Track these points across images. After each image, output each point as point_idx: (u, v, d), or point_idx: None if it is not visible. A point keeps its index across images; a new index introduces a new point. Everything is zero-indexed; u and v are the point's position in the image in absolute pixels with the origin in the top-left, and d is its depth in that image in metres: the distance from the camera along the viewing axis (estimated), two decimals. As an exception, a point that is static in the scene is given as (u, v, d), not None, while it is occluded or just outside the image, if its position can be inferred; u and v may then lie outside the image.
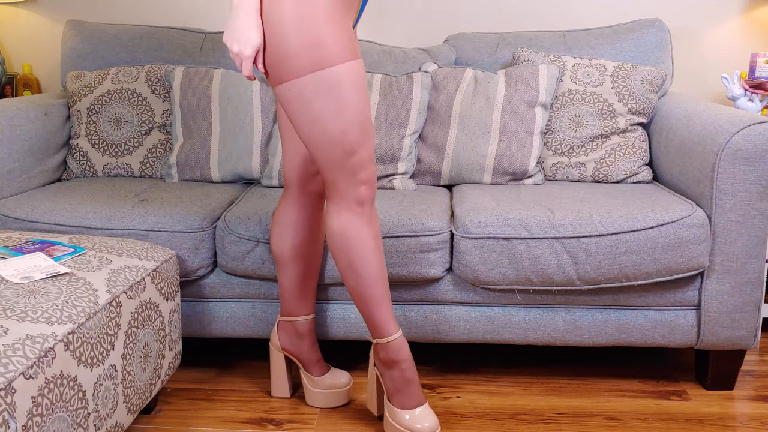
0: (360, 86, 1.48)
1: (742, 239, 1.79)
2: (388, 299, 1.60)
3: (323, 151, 1.50)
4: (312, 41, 1.42)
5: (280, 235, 1.72)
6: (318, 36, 1.43)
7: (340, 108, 1.46)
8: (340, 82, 1.45)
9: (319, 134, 1.48)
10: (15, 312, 1.26)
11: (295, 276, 1.75)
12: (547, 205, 1.86)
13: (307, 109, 1.47)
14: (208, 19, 2.69)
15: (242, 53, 1.44)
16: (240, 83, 2.27)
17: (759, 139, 1.75)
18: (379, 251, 1.57)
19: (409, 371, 1.61)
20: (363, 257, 1.55)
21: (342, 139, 1.48)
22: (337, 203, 1.54)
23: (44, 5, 2.73)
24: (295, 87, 1.45)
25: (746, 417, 1.78)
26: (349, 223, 1.54)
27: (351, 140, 1.49)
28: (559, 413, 1.80)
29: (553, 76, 2.19)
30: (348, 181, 1.52)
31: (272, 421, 1.76)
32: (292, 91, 1.46)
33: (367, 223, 1.55)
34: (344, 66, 1.45)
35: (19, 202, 1.95)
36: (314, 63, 1.43)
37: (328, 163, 1.51)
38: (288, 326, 1.79)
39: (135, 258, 1.61)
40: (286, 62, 1.44)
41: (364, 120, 1.50)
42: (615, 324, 1.86)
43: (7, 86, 2.68)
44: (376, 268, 1.56)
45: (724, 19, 2.59)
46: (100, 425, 1.35)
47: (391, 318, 1.60)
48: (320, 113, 1.46)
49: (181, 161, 2.23)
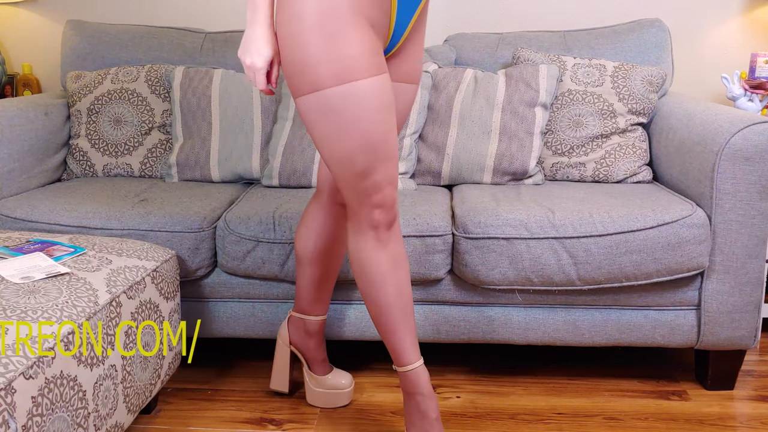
0: (369, 107, 1.38)
1: (742, 239, 1.79)
2: (407, 327, 1.51)
3: (335, 170, 1.43)
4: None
5: (305, 236, 1.70)
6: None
7: (347, 128, 1.38)
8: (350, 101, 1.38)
9: (327, 154, 1.42)
10: (15, 312, 1.26)
11: (313, 278, 1.72)
12: (547, 205, 1.86)
13: (313, 128, 1.41)
14: (208, 19, 2.69)
15: (254, 65, 1.40)
16: (240, 83, 2.27)
17: (759, 139, 1.75)
18: (395, 277, 1.48)
19: (425, 404, 1.52)
20: (375, 283, 1.48)
21: (352, 161, 1.40)
22: (353, 225, 1.48)
23: (44, 5, 2.73)
24: (307, 101, 1.40)
25: (746, 417, 1.78)
26: (362, 248, 1.48)
27: (362, 162, 1.40)
28: (559, 413, 1.80)
29: (553, 76, 2.19)
30: (361, 203, 1.44)
31: (272, 421, 1.76)
32: (305, 105, 1.40)
33: (382, 249, 1.47)
34: (366, 82, 1.37)
35: (19, 202, 1.95)
36: (332, 76, 1.36)
37: (342, 183, 1.44)
38: (298, 322, 1.79)
39: (135, 258, 1.61)
40: (298, 76, 1.39)
41: (370, 144, 1.39)
42: (615, 324, 1.86)
43: (7, 86, 2.68)
44: (391, 296, 1.48)
45: (724, 19, 2.59)
46: (100, 425, 1.35)
47: (408, 347, 1.51)
48: (327, 133, 1.39)
49: (181, 161, 2.23)
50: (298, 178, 2.14)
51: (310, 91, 1.37)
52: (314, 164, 2.13)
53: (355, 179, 1.42)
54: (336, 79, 1.36)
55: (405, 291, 1.51)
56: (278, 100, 2.27)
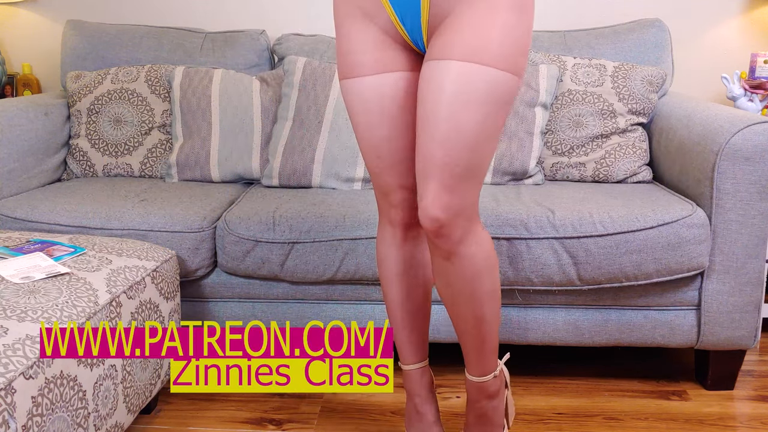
0: (356, 111, 1.33)
1: (742, 239, 1.79)
2: (413, 328, 1.48)
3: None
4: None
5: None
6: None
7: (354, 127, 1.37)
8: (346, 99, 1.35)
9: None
10: (15, 312, 1.26)
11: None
12: (547, 205, 1.86)
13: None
14: (208, 19, 2.68)
15: None
16: (240, 83, 2.27)
17: (759, 139, 1.75)
18: (407, 277, 1.44)
19: (423, 407, 1.51)
20: (384, 278, 1.47)
21: (363, 156, 1.40)
22: (379, 215, 1.47)
23: (44, 5, 2.73)
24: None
25: (746, 417, 1.78)
26: (380, 241, 1.46)
27: (367, 162, 1.39)
28: (559, 413, 1.80)
29: (553, 76, 2.19)
30: (381, 198, 1.42)
31: (272, 421, 1.76)
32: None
33: (398, 246, 1.43)
34: (347, 83, 1.32)
35: (19, 202, 1.95)
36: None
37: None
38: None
39: (135, 258, 1.61)
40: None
41: (371, 148, 1.35)
42: (615, 324, 1.86)
43: (7, 86, 2.68)
44: (394, 294, 1.46)
45: (724, 19, 2.59)
46: (100, 425, 1.35)
47: (406, 348, 1.49)
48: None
49: (181, 161, 2.23)
50: (298, 178, 2.14)
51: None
52: (314, 164, 2.13)
53: (371, 173, 1.39)
54: (340, 74, 1.34)
55: (416, 293, 1.46)
56: (278, 100, 2.27)
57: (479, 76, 1.18)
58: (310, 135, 2.16)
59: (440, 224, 1.23)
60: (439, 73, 1.20)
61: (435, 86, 1.20)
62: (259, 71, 2.45)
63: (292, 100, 2.21)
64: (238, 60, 2.44)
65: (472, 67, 1.17)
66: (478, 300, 1.32)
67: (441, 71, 1.20)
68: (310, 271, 1.83)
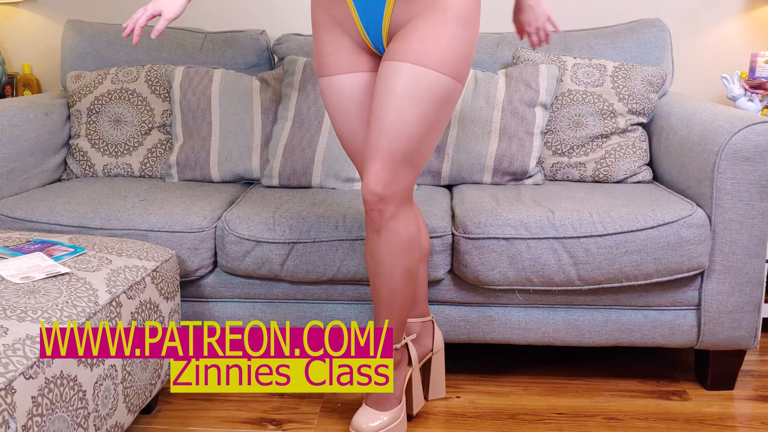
0: (331, 102, 1.56)
1: (742, 239, 1.79)
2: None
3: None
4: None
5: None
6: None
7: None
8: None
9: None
10: (15, 312, 1.26)
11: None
12: (547, 205, 1.86)
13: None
14: (208, 19, 2.69)
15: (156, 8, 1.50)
16: (240, 83, 2.27)
17: (759, 139, 1.75)
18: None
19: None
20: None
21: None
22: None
23: (44, 5, 2.73)
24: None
25: (746, 417, 1.78)
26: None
27: (345, 148, 1.61)
28: (559, 413, 1.80)
29: (553, 76, 2.19)
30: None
31: (272, 421, 1.76)
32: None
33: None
34: (323, 80, 1.57)
35: (19, 202, 1.95)
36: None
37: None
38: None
39: (135, 258, 1.61)
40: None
41: (345, 133, 1.57)
42: (615, 324, 1.86)
43: (7, 86, 2.68)
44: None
45: (724, 19, 2.59)
46: (100, 425, 1.35)
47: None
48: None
49: (181, 161, 2.23)
50: (298, 178, 2.14)
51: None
52: (314, 164, 2.13)
53: (350, 158, 1.62)
54: (317, 72, 1.58)
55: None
56: (278, 100, 2.27)
57: (424, 78, 1.40)
58: (310, 135, 2.16)
59: (378, 198, 1.44)
60: (393, 72, 1.42)
61: (388, 83, 1.42)
62: (259, 71, 2.45)
63: (292, 100, 2.21)
64: (238, 60, 2.44)
65: (419, 69, 1.40)
66: (396, 275, 1.51)
67: (394, 71, 1.42)
68: (311, 271, 1.83)
